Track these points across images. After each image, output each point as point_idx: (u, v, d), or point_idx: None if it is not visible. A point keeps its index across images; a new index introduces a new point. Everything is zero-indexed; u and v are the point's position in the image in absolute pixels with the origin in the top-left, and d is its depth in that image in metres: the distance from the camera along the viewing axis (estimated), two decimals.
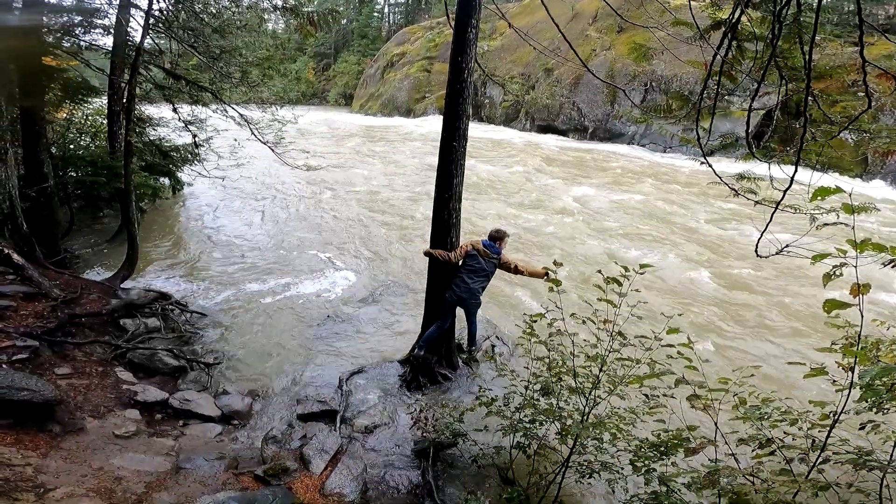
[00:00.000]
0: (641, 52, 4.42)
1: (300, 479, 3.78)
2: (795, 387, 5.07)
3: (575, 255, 9.72)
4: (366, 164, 19.59)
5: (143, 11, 7.41)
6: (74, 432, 3.98)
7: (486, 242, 5.25)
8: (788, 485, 1.72)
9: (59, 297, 5.95)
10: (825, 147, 3.15)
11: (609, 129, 27.58)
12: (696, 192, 15.21)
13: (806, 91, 2.54)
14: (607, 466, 3.24)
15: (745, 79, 3.18)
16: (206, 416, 4.77)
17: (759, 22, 2.92)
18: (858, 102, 17.26)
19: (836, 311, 1.92)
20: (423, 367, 5.37)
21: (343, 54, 64.53)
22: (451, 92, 4.92)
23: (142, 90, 9.27)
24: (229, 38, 8.85)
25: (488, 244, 5.23)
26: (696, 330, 6.63)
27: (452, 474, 4.10)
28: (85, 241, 9.61)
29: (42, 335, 5.08)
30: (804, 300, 7.68)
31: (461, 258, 5.20)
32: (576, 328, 3.47)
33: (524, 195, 14.62)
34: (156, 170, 11.23)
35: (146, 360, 5.51)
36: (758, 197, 2.97)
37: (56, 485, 3.21)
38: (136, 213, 7.64)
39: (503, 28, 38.31)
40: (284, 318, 6.96)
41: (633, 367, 3.07)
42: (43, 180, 7.57)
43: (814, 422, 2.58)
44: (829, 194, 2.00)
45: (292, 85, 11.85)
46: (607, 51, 28.97)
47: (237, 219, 11.86)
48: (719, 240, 10.79)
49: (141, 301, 6.56)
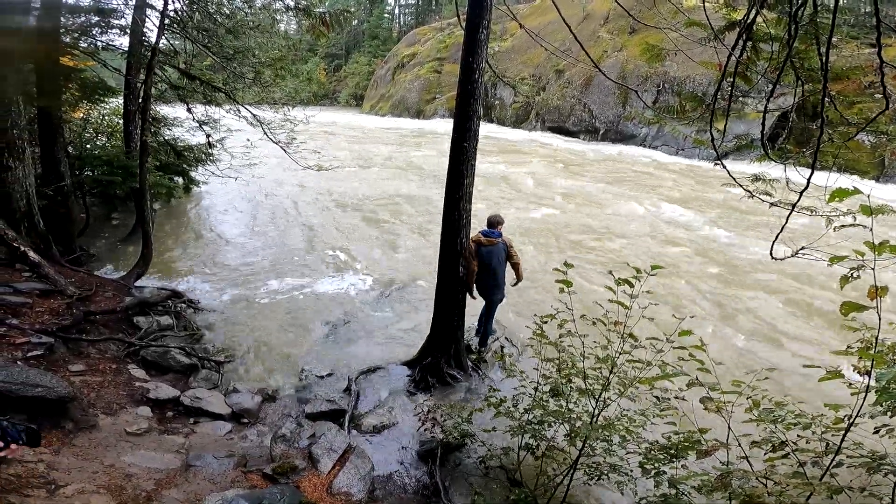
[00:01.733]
0: (654, 53, 4.39)
1: (308, 477, 3.79)
2: (810, 390, 4.99)
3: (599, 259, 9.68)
4: (378, 164, 19.66)
5: (159, 12, 7.51)
6: (87, 429, 4.01)
7: (486, 231, 5.34)
8: (802, 487, 1.69)
9: (75, 295, 6.02)
10: (842, 148, 3.11)
11: (620, 130, 27.39)
12: (711, 194, 15.05)
13: (823, 92, 2.50)
14: (616, 468, 3.22)
15: (759, 80, 3.14)
16: (217, 413, 4.79)
17: (775, 22, 2.88)
18: (875, 104, 16.86)
19: (853, 313, 1.89)
20: (433, 368, 5.38)
21: (354, 55, 64.85)
22: (461, 93, 4.92)
23: (157, 90, 9.38)
24: (242, 39, 8.94)
25: (488, 232, 5.33)
26: (709, 332, 6.56)
27: (460, 475, 4.10)
28: (100, 239, 9.75)
29: (57, 332, 5.12)
30: (819, 304, 7.56)
31: (474, 258, 5.27)
32: (586, 329, 3.45)
33: (536, 199, 14.58)
34: (170, 169, 11.36)
35: (159, 358, 5.56)
36: (773, 199, 2.93)
37: (67, 481, 3.23)
38: (150, 212, 7.73)
39: (514, 29, 38.25)
40: (296, 316, 7.00)
41: (644, 369, 3.04)
42: (60, 179, 7.69)
43: (827, 425, 2.54)
44: (846, 196, 1.97)
45: (304, 85, 11.94)
46: (619, 52, 28.79)
47: (250, 218, 11.97)
48: (732, 242, 10.66)
49: (154, 299, 6.64)
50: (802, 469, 2.10)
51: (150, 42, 8.75)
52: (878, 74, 2.35)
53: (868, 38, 23.01)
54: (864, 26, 25.92)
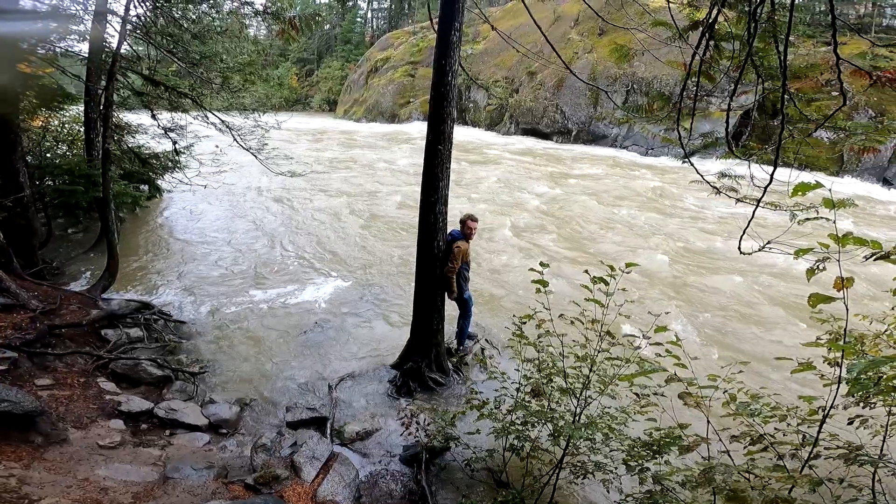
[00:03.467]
0: (623, 53, 4.48)
1: (292, 486, 3.72)
2: (782, 382, 5.15)
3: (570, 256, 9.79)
4: (350, 169, 19.52)
5: (120, 17, 7.28)
6: (58, 443, 3.91)
7: (456, 232, 5.42)
8: (784, 480, 1.73)
9: (38, 309, 5.80)
10: (802, 144, 3.22)
11: (592, 131, 27.88)
12: (677, 192, 15.44)
13: (782, 88, 2.58)
14: (601, 466, 3.25)
15: (722, 79, 3.23)
16: (193, 425, 4.69)
17: (736, 22, 2.97)
18: (832, 101, 17.71)
19: (820, 305, 1.95)
20: (414, 372, 5.35)
21: (326, 60, 64.41)
22: (435, 95, 4.92)
23: (120, 97, 9.09)
24: (209, 44, 8.73)
25: (455, 232, 5.40)
26: (684, 328, 6.71)
27: (446, 479, 4.08)
28: (63, 251, 9.38)
29: (21, 346, 4.96)
30: (787, 297, 7.83)
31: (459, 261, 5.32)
32: (564, 328, 3.48)
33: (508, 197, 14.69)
34: (135, 178, 11.03)
35: (129, 371, 5.40)
36: (738, 195, 3.01)
37: (41, 496, 3.14)
38: (115, 222, 7.48)
39: (486, 32, 38.58)
40: (271, 325, 6.87)
41: (623, 366, 3.08)
42: (19, 189, 7.37)
43: (803, 417, 2.61)
44: (809, 190, 2.04)
45: (275, 90, 11.74)
46: (589, 53, 29.33)
47: (220, 226, 11.69)
48: (699, 238, 10.95)
49: (122, 311, 6.43)
50: (782, 462, 2.15)
51: (111, 48, 8.48)
52: (834, 72, 2.45)
53: (823, 37, 23.84)
54: (819, 25, 26.84)
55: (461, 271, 5.40)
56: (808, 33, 21.89)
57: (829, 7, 2.35)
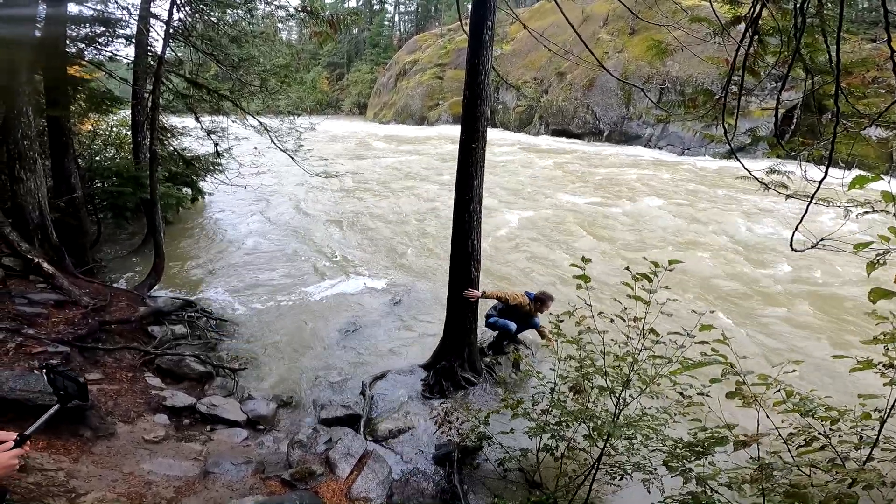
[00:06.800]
0: (659, 50, 4.39)
1: (326, 483, 3.77)
2: (838, 381, 4.92)
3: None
4: (386, 170, 19.71)
5: (163, 21, 7.57)
6: (105, 437, 4.02)
7: (531, 295, 5.60)
8: (849, 474, 1.66)
9: (89, 305, 6.06)
10: (856, 139, 3.09)
11: (625, 131, 27.36)
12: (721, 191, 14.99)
13: (836, 84, 2.49)
14: (640, 467, 3.17)
15: (766, 76, 3.14)
16: (233, 421, 4.80)
17: (781, 16, 2.88)
18: (880, 99, 16.78)
19: (881, 300, 1.87)
20: (447, 372, 5.36)
21: (356, 63, 65.33)
22: (468, 94, 4.92)
23: (164, 100, 9.45)
24: (246, 48, 8.99)
25: (531, 295, 5.60)
26: (731, 326, 6.51)
27: (478, 478, 4.06)
28: (112, 250, 9.82)
29: (73, 341, 5.14)
30: (842, 294, 7.51)
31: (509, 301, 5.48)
32: (605, 326, 3.42)
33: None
34: (178, 180, 11.43)
35: (174, 366, 5.57)
36: (789, 191, 2.91)
37: (87, 489, 3.24)
38: (161, 222, 7.78)
39: (514, 33, 38.44)
40: (308, 323, 7.01)
41: (665, 365, 3.01)
42: (71, 191, 7.75)
43: (854, 421, 2.49)
44: (867, 182, 1.97)
45: (309, 92, 12.03)
46: (620, 53, 28.83)
47: (258, 226, 12.02)
48: (752, 236, 10.59)
49: (168, 308, 6.67)
50: (841, 461, 2.07)
51: (155, 52, 8.81)
52: (886, 64, 2.34)
53: (868, 34, 22.94)
54: (863, 21, 25.84)
55: (509, 325, 5.63)
56: (852, 30, 21.01)
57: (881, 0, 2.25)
